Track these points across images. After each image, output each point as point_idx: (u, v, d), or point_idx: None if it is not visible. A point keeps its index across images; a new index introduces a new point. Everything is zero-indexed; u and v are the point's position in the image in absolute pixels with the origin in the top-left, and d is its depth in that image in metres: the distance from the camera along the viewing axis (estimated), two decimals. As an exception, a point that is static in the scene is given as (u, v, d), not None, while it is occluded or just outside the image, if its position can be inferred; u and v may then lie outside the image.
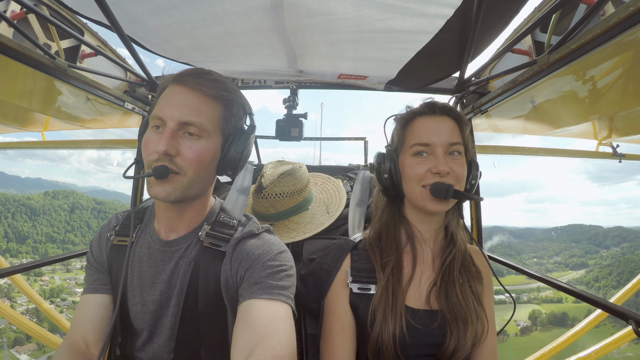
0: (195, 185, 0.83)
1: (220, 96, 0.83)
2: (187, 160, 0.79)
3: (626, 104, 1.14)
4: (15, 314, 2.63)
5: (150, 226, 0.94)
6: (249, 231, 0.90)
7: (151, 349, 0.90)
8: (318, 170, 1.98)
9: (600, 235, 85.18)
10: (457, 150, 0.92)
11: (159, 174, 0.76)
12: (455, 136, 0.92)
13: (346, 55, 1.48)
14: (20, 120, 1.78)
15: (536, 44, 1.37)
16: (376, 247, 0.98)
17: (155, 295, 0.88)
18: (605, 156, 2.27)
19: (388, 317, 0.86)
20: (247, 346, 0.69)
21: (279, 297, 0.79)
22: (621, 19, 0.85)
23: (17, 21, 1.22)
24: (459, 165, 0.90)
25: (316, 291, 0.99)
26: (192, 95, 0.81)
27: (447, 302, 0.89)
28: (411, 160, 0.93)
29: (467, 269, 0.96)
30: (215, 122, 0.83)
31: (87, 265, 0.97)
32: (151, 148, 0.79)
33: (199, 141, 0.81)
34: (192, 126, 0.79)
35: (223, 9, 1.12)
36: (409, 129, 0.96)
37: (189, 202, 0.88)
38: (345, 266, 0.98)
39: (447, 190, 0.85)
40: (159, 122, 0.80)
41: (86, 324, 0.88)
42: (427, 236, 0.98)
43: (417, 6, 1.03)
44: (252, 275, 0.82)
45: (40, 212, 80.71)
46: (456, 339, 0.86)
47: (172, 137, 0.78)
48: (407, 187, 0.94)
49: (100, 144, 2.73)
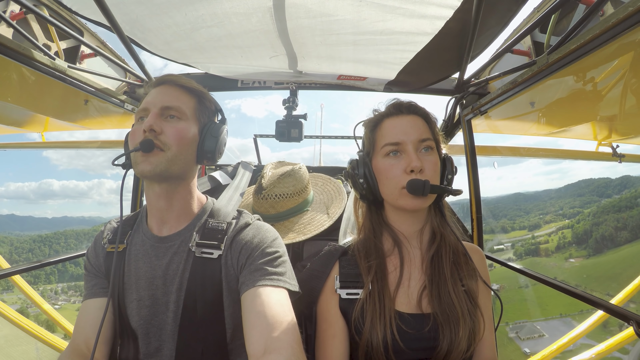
0: (177, 161, 0.89)
1: (194, 89, 0.97)
2: (170, 137, 0.88)
3: (625, 104, 1.14)
4: (15, 314, 2.62)
5: (143, 225, 0.98)
6: (244, 222, 0.96)
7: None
8: (318, 170, 1.98)
9: (602, 186, 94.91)
10: (428, 146, 0.92)
11: (146, 146, 0.84)
12: (424, 133, 0.92)
13: (346, 57, 1.48)
14: (20, 121, 1.79)
15: (535, 44, 1.37)
16: (362, 252, 0.98)
17: (150, 290, 0.90)
18: (605, 157, 2.26)
19: (376, 322, 0.86)
20: (263, 335, 0.73)
21: (278, 282, 0.85)
22: (620, 19, 0.85)
23: (17, 22, 1.22)
24: (431, 162, 0.91)
25: (308, 297, 0.99)
26: (170, 88, 0.95)
27: (440, 304, 0.88)
28: (384, 162, 0.93)
29: (459, 267, 0.95)
30: (192, 109, 0.95)
31: (85, 273, 1.00)
32: (137, 133, 0.88)
33: (180, 122, 0.91)
34: (173, 109, 0.91)
35: (223, 10, 1.12)
36: (378, 132, 0.97)
37: (175, 185, 0.93)
38: (334, 272, 0.98)
39: (424, 186, 0.85)
40: (143, 113, 0.91)
41: (87, 327, 0.89)
42: (412, 237, 0.98)
43: (416, 7, 1.03)
44: (253, 263, 0.87)
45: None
46: (449, 341, 0.85)
47: (157, 118, 0.88)
48: (384, 189, 0.94)
49: (100, 145, 2.72)
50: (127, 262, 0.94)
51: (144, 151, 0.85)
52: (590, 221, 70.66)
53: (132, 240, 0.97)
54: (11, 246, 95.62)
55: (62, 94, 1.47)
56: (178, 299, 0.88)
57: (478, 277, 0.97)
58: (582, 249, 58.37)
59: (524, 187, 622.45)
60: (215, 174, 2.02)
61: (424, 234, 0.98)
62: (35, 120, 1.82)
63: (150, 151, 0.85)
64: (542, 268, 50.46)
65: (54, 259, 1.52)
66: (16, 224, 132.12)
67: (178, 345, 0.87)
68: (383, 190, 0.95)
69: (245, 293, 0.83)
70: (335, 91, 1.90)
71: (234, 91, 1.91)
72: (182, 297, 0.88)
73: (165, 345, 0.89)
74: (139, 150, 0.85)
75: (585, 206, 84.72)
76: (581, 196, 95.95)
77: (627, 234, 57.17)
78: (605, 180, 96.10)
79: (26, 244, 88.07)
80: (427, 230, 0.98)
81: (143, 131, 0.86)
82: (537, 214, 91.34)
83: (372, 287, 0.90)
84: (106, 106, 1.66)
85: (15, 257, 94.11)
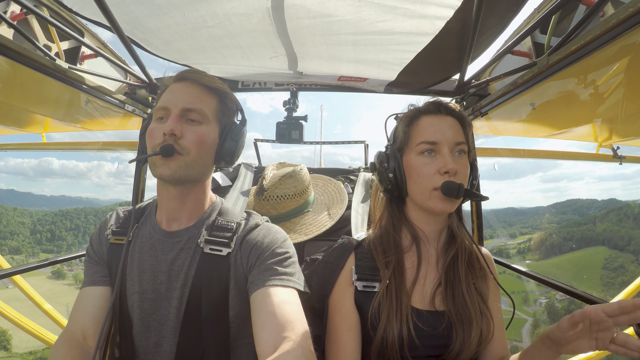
0: (196, 166, 0.88)
1: (217, 89, 0.94)
2: (190, 142, 0.86)
3: (626, 105, 1.13)
4: (15, 313, 2.62)
5: (151, 218, 0.97)
6: (254, 223, 0.96)
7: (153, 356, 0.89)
8: (319, 172, 1.98)
9: (585, 207, 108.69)
10: (462, 150, 0.91)
11: (166, 151, 0.83)
12: (460, 136, 0.91)
13: (346, 58, 1.48)
14: (21, 122, 1.79)
15: (536, 45, 1.37)
16: (379, 246, 0.97)
17: (154, 284, 0.89)
18: (606, 158, 2.26)
19: (392, 318, 0.85)
20: (273, 335, 0.73)
21: (288, 282, 0.84)
22: (621, 20, 0.85)
23: (17, 22, 1.22)
24: (464, 165, 0.90)
25: (320, 290, 0.97)
26: (192, 87, 0.91)
27: (454, 303, 0.89)
28: (418, 160, 0.91)
29: (472, 269, 0.96)
30: (213, 111, 0.92)
31: (86, 259, 0.98)
32: (156, 134, 0.86)
33: (200, 126, 0.89)
34: (194, 112, 0.88)
35: (223, 10, 1.12)
36: (414, 127, 0.95)
37: (190, 187, 0.92)
38: (349, 264, 0.96)
39: (459, 190, 0.84)
40: (162, 113, 0.89)
41: (85, 315, 0.88)
42: (431, 236, 0.97)
43: (416, 7, 1.03)
44: (263, 263, 0.87)
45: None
46: (462, 341, 0.85)
47: (177, 121, 0.86)
48: (414, 187, 0.92)
49: (100, 146, 2.72)
50: (132, 254, 0.93)
51: (164, 156, 0.84)
52: (557, 235, 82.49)
53: (139, 232, 0.96)
54: (31, 218, 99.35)
55: (62, 95, 1.47)
56: (182, 295, 0.88)
57: (489, 280, 0.97)
58: (536, 254, 76.46)
59: (519, 202, 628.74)
60: (216, 175, 2.02)
61: (442, 235, 0.98)
62: (36, 121, 1.82)
63: (171, 156, 0.84)
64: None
65: (54, 259, 1.52)
66: (16, 199, 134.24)
67: (179, 341, 0.86)
68: (412, 187, 0.93)
69: (254, 293, 0.83)
70: (336, 92, 1.90)
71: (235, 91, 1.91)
72: (186, 293, 0.88)
73: (166, 341, 0.88)
74: (158, 154, 0.84)
75: (562, 222, 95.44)
76: (563, 214, 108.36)
77: (573, 244, 73.94)
78: (590, 202, 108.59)
79: (48, 217, 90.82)
80: (445, 231, 0.98)
81: (163, 134, 0.85)
82: (517, 226, 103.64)
83: (390, 282, 0.90)
84: (107, 107, 1.66)
85: (39, 228, 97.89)
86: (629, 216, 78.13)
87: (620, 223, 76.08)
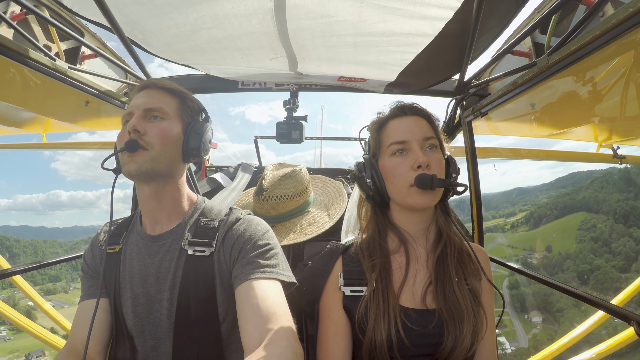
0: (162, 159, 0.91)
1: (176, 91, 1.00)
2: (154, 136, 0.90)
3: (626, 105, 1.14)
4: (15, 313, 2.62)
5: (137, 225, 1.01)
6: (234, 218, 0.98)
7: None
8: (318, 172, 1.98)
9: (583, 178, 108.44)
10: (433, 144, 0.94)
11: (130, 146, 0.87)
12: (428, 131, 0.94)
13: (346, 58, 1.48)
14: (21, 122, 1.79)
15: (536, 45, 1.37)
16: (366, 250, 0.99)
17: (144, 288, 0.92)
18: (606, 158, 2.26)
19: (380, 320, 0.86)
20: (257, 328, 0.74)
21: (271, 274, 0.86)
22: (620, 20, 0.85)
23: (17, 22, 1.22)
24: (437, 158, 0.92)
25: (309, 295, 0.99)
26: (153, 91, 0.97)
27: (445, 300, 0.89)
28: (391, 161, 0.94)
29: (463, 265, 0.96)
30: (174, 109, 0.97)
31: (82, 274, 1.02)
32: (123, 136, 0.91)
33: (163, 122, 0.93)
34: (156, 110, 0.93)
35: (223, 11, 1.12)
36: (383, 132, 0.98)
37: (163, 184, 0.95)
38: (336, 270, 0.98)
39: (432, 180, 0.86)
40: (128, 117, 0.94)
41: (85, 328, 0.89)
42: (419, 235, 0.98)
43: (416, 8, 1.03)
44: (246, 256, 0.89)
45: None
46: (454, 338, 0.85)
47: (140, 119, 0.91)
48: (393, 188, 0.94)
49: (100, 146, 2.73)
50: (123, 261, 0.96)
51: (129, 151, 0.87)
52: (546, 207, 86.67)
53: (127, 240, 1.00)
54: (61, 248, 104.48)
55: (62, 95, 1.47)
56: (171, 296, 0.90)
57: (481, 277, 0.97)
58: (527, 226, 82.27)
59: (525, 181, 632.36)
60: (216, 175, 2.02)
61: (429, 233, 0.99)
62: (36, 121, 1.82)
63: (135, 151, 0.87)
64: (497, 241, 71.39)
65: (54, 260, 1.52)
66: (32, 235, 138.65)
67: (175, 342, 0.88)
68: (391, 189, 0.95)
69: (238, 287, 0.84)
70: (336, 93, 1.91)
71: (237, 93, 1.91)
72: (175, 294, 0.89)
73: (162, 343, 0.90)
74: (124, 150, 0.87)
75: (561, 196, 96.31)
76: (563, 187, 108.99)
77: (557, 213, 78.69)
78: (588, 173, 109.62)
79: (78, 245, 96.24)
80: (432, 229, 0.99)
81: (128, 132, 0.89)
82: (519, 205, 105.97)
83: (377, 285, 0.91)
84: (107, 107, 1.66)
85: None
86: (609, 182, 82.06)
87: (601, 190, 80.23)
